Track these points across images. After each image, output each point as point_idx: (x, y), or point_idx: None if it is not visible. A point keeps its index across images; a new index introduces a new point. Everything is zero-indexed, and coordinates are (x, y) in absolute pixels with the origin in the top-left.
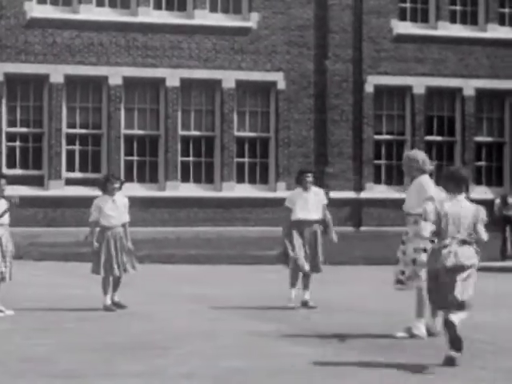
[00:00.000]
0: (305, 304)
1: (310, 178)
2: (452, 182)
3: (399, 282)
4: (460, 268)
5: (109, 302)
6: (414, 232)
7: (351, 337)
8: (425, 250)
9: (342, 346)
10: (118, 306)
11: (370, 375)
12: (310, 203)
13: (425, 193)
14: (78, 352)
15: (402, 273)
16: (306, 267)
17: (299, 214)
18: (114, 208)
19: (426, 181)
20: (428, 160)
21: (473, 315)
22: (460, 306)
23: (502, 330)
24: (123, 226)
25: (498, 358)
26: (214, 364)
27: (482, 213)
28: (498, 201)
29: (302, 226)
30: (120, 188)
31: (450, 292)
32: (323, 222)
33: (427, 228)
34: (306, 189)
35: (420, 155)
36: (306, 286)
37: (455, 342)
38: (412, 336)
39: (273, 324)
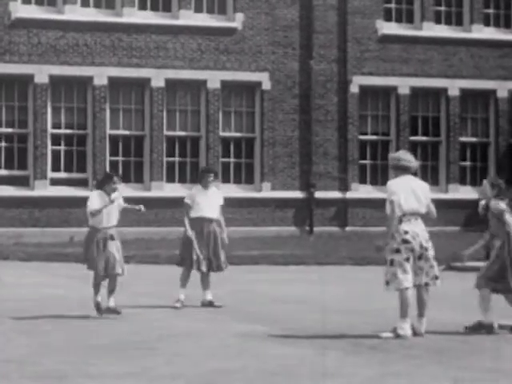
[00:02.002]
0: (209, 304)
1: (211, 177)
2: None
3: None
4: None
5: (99, 299)
6: (389, 233)
7: (338, 337)
8: (398, 251)
9: (329, 346)
10: (111, 311)
11: (357, 375)
12: (210, 202)
13: (389, 195)
14: (63, 353)
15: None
16: (204, 267)
17: (199, 211)
18: (110, 208)
19: (393, 182)
20: (406, 157)
21: (454, 315)
22: None
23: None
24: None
25: (481, 358)
26: (202, 365)
27: None
28: (483, 202)
29: (200, 223)
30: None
31: None
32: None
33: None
34: (206, 188)
35: (398, 153)
36: (206, 286)
37: None
38: (397, 336)
39: (260, 325)
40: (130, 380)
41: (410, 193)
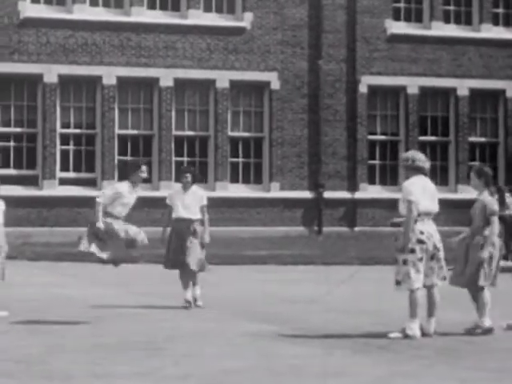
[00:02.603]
0: (194, 301)
1: (188, 178)
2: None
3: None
4: None
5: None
6: (402, 233)
7: (347, 337)
8: (412, 251)
9: (337, 346)
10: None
11: (365, 375)
12: (188, 202)
13: (406, 194)
14: (72, 353)
15: (397, 274)
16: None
17: (176, 212)
18: (132, 201)
19: (410, 182)
20: (419, 158)
21: (462, 316)
22: None
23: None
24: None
25: (488, 358)
26: (210, 365)
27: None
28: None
29: (178, 224)
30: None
31: None
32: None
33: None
34: (184, 188)
35: (410, 153)
36: (193, 284)
37: None
38: (406, 336)
39: (268, 324)
40: (137, 380)
41: (424, 193)
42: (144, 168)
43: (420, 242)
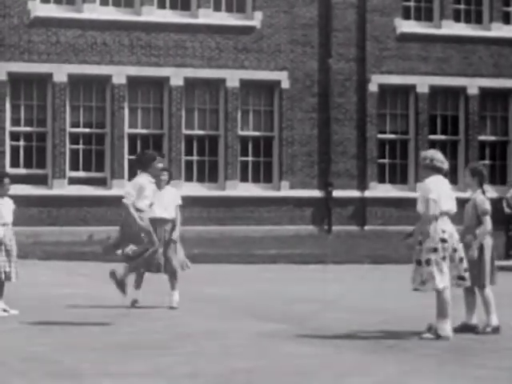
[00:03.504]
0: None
1: (164, 176)
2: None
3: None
4: None
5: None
6: (425, 232)
7: (357, 336)
8: (435, 250)
9: (347, 345)
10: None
11: (375, 375)
12: (164, 202)
13: (426, 193)
14: (82, 351)
15: (421, 274)
16: (154, 269)
17: (151, 212)
18: (152, 193)
19: (430, 181)
20: (438, 158)
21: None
22: None
23: (503, 329)
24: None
25: (498, 356)
26: (218, 364)
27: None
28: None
29: (154, 224)
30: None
31: None
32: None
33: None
34: (160, 187)
35: (430, 153)
36: (172, 287)
37: None
38: (438, 337)
39: (277, 324)
40: (148, 379)
41: (444, 192)
42: (160, 159)
43: (443, 240)
